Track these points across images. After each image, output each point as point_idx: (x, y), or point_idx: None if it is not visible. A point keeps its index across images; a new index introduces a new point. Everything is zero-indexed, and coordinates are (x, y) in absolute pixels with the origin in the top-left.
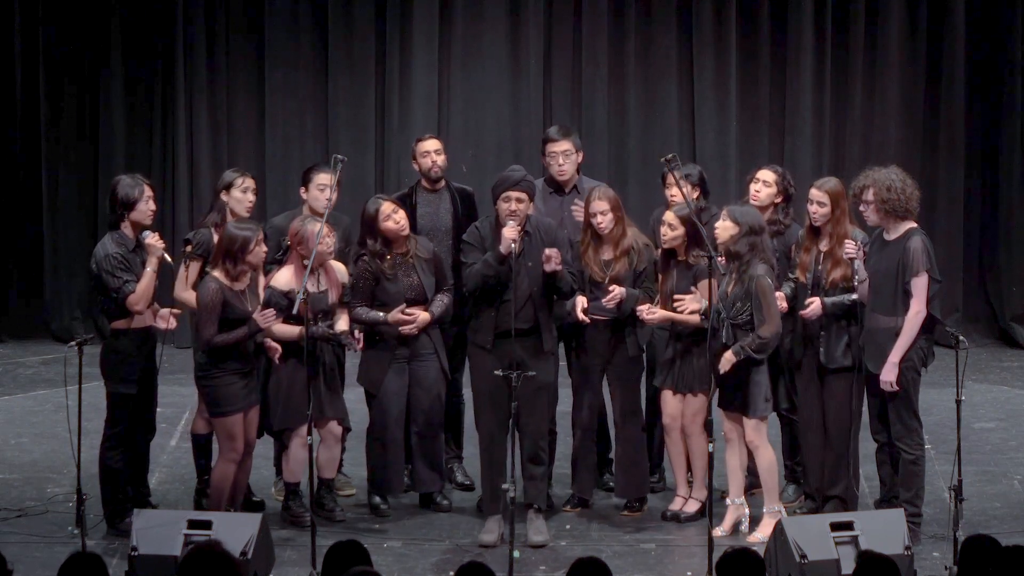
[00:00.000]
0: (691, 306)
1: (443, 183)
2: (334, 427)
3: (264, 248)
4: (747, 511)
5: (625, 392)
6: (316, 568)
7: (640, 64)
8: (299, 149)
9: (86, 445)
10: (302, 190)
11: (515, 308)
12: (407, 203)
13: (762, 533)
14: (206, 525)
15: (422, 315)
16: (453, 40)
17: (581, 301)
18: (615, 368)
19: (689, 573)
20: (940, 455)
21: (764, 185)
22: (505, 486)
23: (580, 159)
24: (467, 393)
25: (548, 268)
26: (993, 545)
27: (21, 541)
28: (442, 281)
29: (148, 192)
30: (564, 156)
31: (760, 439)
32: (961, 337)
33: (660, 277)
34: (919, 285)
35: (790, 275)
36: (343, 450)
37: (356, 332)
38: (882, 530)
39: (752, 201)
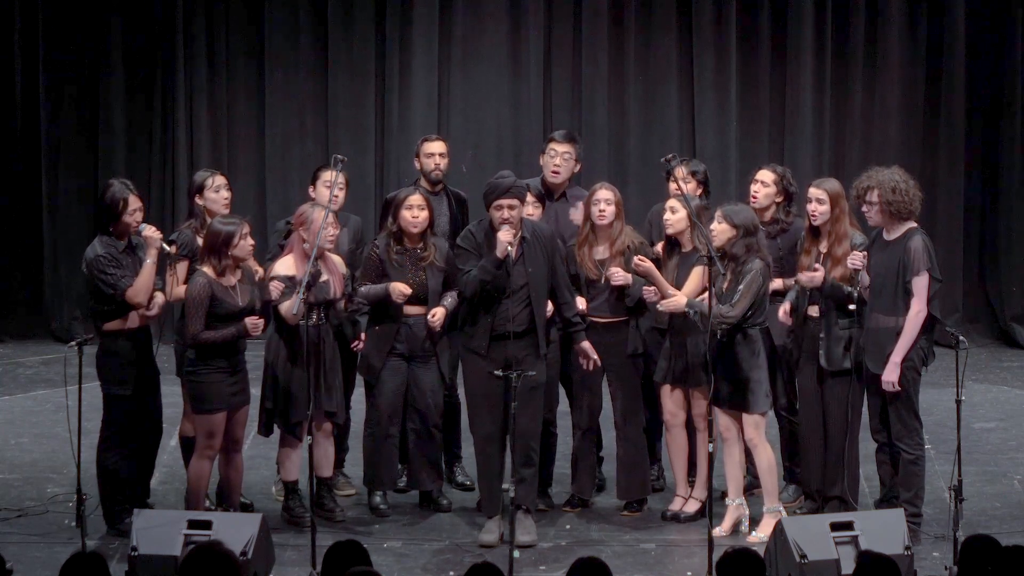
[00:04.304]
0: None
1: (442, 186)
2: (324, 424)
3: (250, 242)
4: (747, 511)
5: (625, 393)
6: (316, 568)
7: (640, 64)
8: (299, 149)
9: (86, 445)
10: (311, 188)
11: (512, 312)
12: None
13: (762, 533)
14: (206, 525)
15: (439, 311)
16: (453, 40)
17: (581, 301)
18: (615, 369)
19: (689, 573)
20: (940, 455)
21: (763, 186)
22: (505, 486)
23: (578, 169)
24: (461, 393)
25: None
26: (993, 545)
27: (21, 541)
28: (449, 287)
29: (136, 203)
30: (563, 158)
31: (759, 437)
32: (961, 337)
33: (662, 263)
34: (920, 284)
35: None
36: (346, 450)
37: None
38: (882, 530)
39: (751, 202)
